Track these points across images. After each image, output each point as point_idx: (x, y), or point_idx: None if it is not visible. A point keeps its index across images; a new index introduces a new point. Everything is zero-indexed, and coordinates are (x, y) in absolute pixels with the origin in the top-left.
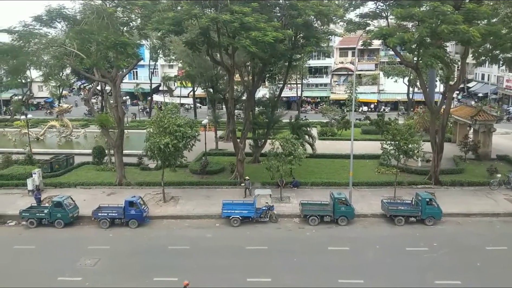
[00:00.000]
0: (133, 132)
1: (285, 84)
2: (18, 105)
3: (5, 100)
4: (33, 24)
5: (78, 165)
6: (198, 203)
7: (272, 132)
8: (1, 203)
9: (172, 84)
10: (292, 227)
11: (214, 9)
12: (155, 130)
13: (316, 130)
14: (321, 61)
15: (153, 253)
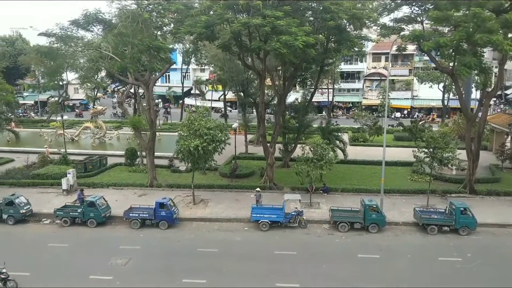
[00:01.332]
0: (165, 134)
1: (317, 88)
2: (55, 106)
3: (42, 101)
4: (70, 27)
5: (111, 166)
6: (227, 206)
7: (302, 136)
8: (37, 202)
9: (204, 87)
10: (321, 233)
11: (246, 13)
12: (185, 132)
13: (347, 136)
14: (353, 66)
15: (182, 255)
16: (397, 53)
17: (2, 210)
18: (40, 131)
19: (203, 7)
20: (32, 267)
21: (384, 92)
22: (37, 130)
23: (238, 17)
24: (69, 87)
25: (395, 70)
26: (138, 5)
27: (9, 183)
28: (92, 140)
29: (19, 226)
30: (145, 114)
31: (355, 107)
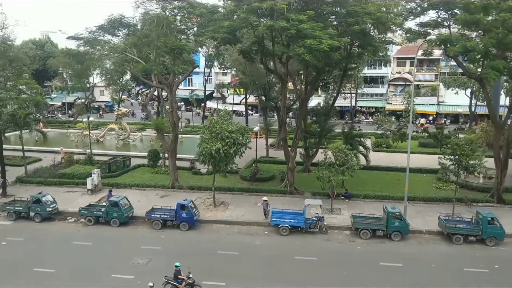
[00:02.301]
0: (187, 137)
1: (339, 93)
2: (81, 108)
3: (69, 103)
4: (97, 32)
5: (134, 167)
6: (247, 210)
7: (324, 141)
8: (62, 201)
9: (225, 91)
10: (342, 239)
11: (269, 17)
12: (207, 135)
13: (370, 141)
14: (377, 71)
15: (202, 257)
16: (423, 58)
17: (29, 208)
18: (67, 131)
19: (227, 11)
20: (57, 264)
21: (408, 98)
22: (64, 131)
23: (261, 21)
24: (95, 89)
25: (420, 75)
26: (162, 9)
27: (37, 181)
28: (116, 141)
29: (45, 223)
30: (168, 116)
31: (378, 112)
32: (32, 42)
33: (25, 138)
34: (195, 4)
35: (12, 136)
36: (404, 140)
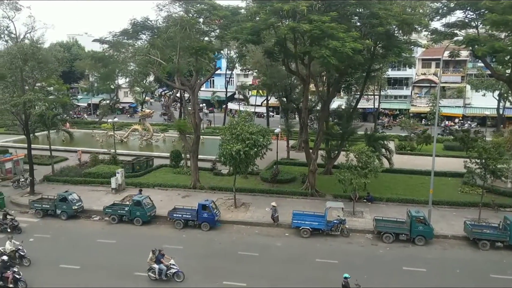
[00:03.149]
0: (208, 138)
1: (362, 95)
2: (106, 109)
3: (94, 104)
4: (121, 35)
5: (156, 167)
6: (268, 211)
7: (346, 143)
8: (88, 199)
9: (247, 92)
10: (364, 243)
11: (291, 19)
12: (228, 137)
13: (393, 144)
14: (402, 72)
15: (223, 257)
16: (449, 59)
17: (56, 206)
18: (92, 132)
19: (249, 13)
20: (82, 261)
21: (433, 100)
22: (89, 131)
23: (283, 22)
24: (119, 90)
25: (446, 76)
26: (185, 12)
27: (63, 180)
28: (139, 141)
29: (71, 221)
30: (190, 117)
31: (402, 115)
32: (59, 45)
33: (52, 138)
34: (217, 6)
35: (40, 136)
36: (429, 143)
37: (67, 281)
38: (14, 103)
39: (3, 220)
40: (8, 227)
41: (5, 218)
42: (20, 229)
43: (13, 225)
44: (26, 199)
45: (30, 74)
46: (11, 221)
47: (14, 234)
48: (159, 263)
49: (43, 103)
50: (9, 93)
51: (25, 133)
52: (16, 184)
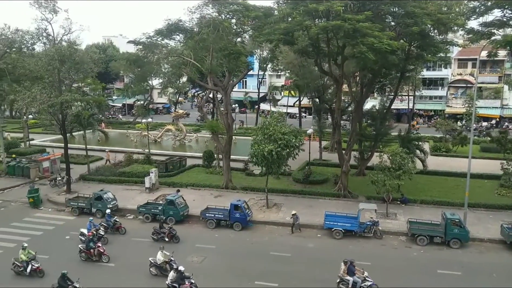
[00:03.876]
0: (241, 138)
1: (396, 95)
2: (141, 109)
3: (129, 104)
4: (155, 36)
5: (189, 167)
6: (300, 212)
7: (379, 145)
8: (122, 198)
9: (279, 93)
10: (398, 245)
11: (325, 19)
12: (259, 137)
13: (428, 145)
14: (437, 72)
15: (255, 257)
16: (486, 59)
17: (91, 204)
18: (127, 132)
19: (282, 14)
20: (117, 259)
21: (470, 100)
22: (124, 131)
23: (316, 22)
24: (153, 91)
25: (483, 77)
26: (218, 13)
27: (98, 179)
28: (173, 141)
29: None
30: (223, 118)
31: (437, 115)
32: (95, 46)
33: (88, 137)
34: (250, 7)
35: (76, 136)
36: (465, 145)
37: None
38: (52, 104)
39: (160, 229)
40: (165, 236)
41: (162, 227)
42: (177, 238)
43: (171, 234)
44: (62, 198)
45: (67, 75)
46: (169, 230)
47: (172, 243)
48: (352, 275)
49: (79, 104)
50: (47, 93)
51: (62, 132)
52: (53, 183)
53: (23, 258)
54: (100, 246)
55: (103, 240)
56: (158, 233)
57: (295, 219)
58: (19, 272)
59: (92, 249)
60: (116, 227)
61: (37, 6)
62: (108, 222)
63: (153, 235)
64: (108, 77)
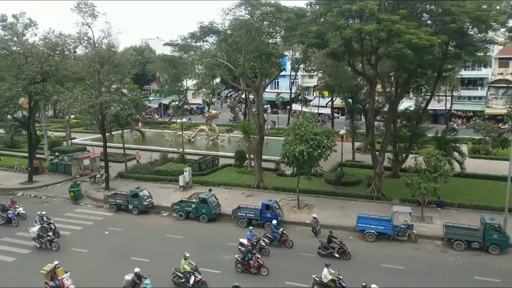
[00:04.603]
0: (272, 139)
1: (433, 96)
2: (176, 110)
3: (165, 105)
4: (189, 38)
5: (222, 166)
6: (332, 213)
7: (415, 146)
8: (157, 195)
9: (311, 94)
10: (433, 249)
11: (359, 19)
12: (291, 137)
13: (466, 147)
14: (476, 72)
15: (286, 258)
16: None
17: (128, 201)
18: (162, 131)
19: (315, 15)
20: (151, 255)
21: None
22: (160, 131)
23: (350, 23)
24: (188, 92)
25: None
26: (250, 15)
27: (135, 177)
28: (206, 141)
29: (141, 216)
30: (255, 118)
31: (476, 117)
32: (133, 49)
33: (125, 137)
34: (282, 8)
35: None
36: (506, 147)
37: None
38: (92, 104)
39: (329, 243)
40: (335, 251)
41: (330, 241)
42: (348, 254)
43: (341, 249)
44: (101, 194)
45: (106, 76)
46: (340, 245)
47: (342, 259)
48: None
49: (117, 104)
50: (88, 94)
51: (101, 132)
52: (92, 180)
53: (186, 269)
54: (259, 257)
55: (264, 252)
56: (326, 248)
57: (315, 223)
58: (180, 284)
59: (251, 260)
60: (283, 240)
61: (78, 11)
62: (274, 234)
63: (320, 249)
64: (145, 78)
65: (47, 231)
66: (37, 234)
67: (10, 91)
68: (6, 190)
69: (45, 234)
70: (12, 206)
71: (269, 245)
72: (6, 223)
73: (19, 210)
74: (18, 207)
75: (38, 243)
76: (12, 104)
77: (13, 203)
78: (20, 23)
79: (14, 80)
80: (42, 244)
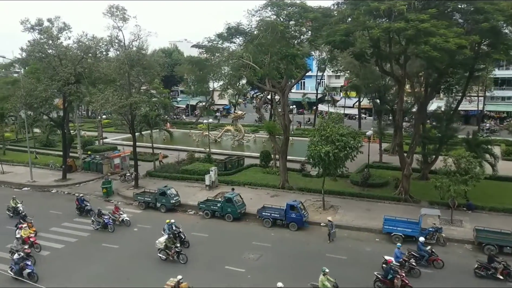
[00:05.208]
0: (298, 139)
1: (464, 96)
2: (202, 110)
3: (192, 105)
4: (216, 39)
5: (247, 166)
6: (357, 215)
7: (444, 148)
8: (184, 194)
9: (338, 94)
10: (462, 253)
11: (387, 18)
12: (316, 138)
13: (499, 149)
14: (511, 72)
15: (310, 258)
16: None
17: (156, 199)
18: (189, 132)
19: (342, 15)
20: None
21: None
22: (187, 131)
23: (378, 22)
24: (214, 93)
25: None
26: (276, 15)
27: (163, 176)
28: (232, 141)
29: (169, 214)
30: (280, 119)
31: (510, 118)
32: (162, 51)
33: (154, 137)
34: (308, 8)
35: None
36: None
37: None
38: (122, 105)
39: (489, 263)
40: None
41: (491, 260)
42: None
43: (507, 270)
44: (130, 192)
45: (136, 78)
46: (505, 265)
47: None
48: None
49: (147, 105)
50: (118, 95)
51: (131, 132)
52: (123, 178)
53: (326, 286)
54: (404, 276)
55: (414, 273)
56: (487, 268)
57: (330, 227)
58: None
59: (395, 279)
60: (432, 259)
61: (110, 15)
62: (421, 252)
63: (479, 270)
64: (173, 80)
65: (174, 242)
66: (165, 245)
67: (45, 92)
68: (42, 187)
69: (173, 245)
70: (116, 213)
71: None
72: (102, 228)
73: (123, 217)
74: (122, 213)
75: (164, 255)
76: (47, 104)
77: (117, 209)
78: (55, 27)
79: (50, 81)
80: (168, 256)
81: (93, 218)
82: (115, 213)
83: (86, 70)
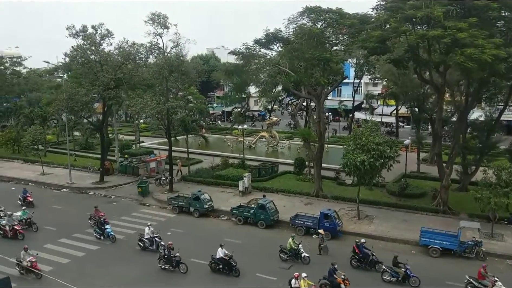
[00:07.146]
0: (333, 147)
1: (507, 106)
2: (238, 116)
3: (227, 111)
4: (253, 46)
5: (281, 173)
6: (393, 226)
7: (485, 158)
8: (217, 199)
9: (375, 102)
10: (503, 269)
11: (425, 25)
12: (352, 146)
13: None
14: None
15: (344, 269)
16: None
17: (190, 204)
18: (224, 137)
19: (379, 22)
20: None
21: None
22: (222, 137)
23: (416, 29)
24: (250, 99)
25: None
26: (313, 22)
27: (197, 180)
28: (266, 148)
29: (202, 219)
30: (315, 126)
31: None
32: (199, 57)
33: (189, 141)
34: (345, 15)
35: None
36: None
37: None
38: (159, 110)
39: None
40: None
41: None
42: None
43: None
44: (165, 196)
45: (173, 84)
46: None
47: None
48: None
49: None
50: (156, 100)
51: (167, 136)
52: (158, 182)
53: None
54: None
55: None
56: None
57: (321, 240)
58: None
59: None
60: None
61: (151, 22)
62: None
63: None
64: (210, 86)
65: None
66: None
67: (86, 96)
68: (79, 189)
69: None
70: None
71: None
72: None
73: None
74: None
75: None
76: (87, 108)
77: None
78: (98, 33)
79: (90, 86)
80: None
81: None
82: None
83: (125, 76)
